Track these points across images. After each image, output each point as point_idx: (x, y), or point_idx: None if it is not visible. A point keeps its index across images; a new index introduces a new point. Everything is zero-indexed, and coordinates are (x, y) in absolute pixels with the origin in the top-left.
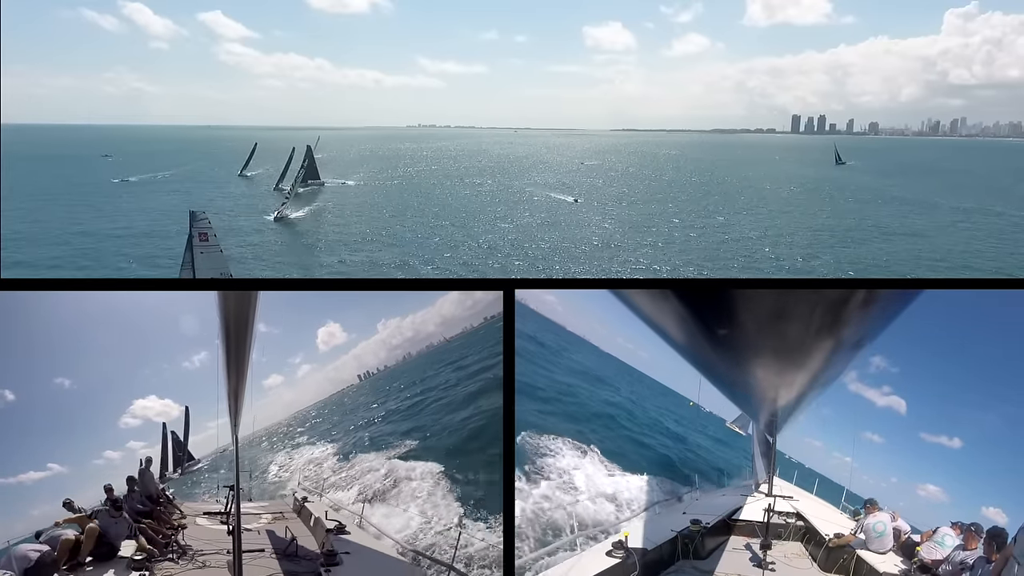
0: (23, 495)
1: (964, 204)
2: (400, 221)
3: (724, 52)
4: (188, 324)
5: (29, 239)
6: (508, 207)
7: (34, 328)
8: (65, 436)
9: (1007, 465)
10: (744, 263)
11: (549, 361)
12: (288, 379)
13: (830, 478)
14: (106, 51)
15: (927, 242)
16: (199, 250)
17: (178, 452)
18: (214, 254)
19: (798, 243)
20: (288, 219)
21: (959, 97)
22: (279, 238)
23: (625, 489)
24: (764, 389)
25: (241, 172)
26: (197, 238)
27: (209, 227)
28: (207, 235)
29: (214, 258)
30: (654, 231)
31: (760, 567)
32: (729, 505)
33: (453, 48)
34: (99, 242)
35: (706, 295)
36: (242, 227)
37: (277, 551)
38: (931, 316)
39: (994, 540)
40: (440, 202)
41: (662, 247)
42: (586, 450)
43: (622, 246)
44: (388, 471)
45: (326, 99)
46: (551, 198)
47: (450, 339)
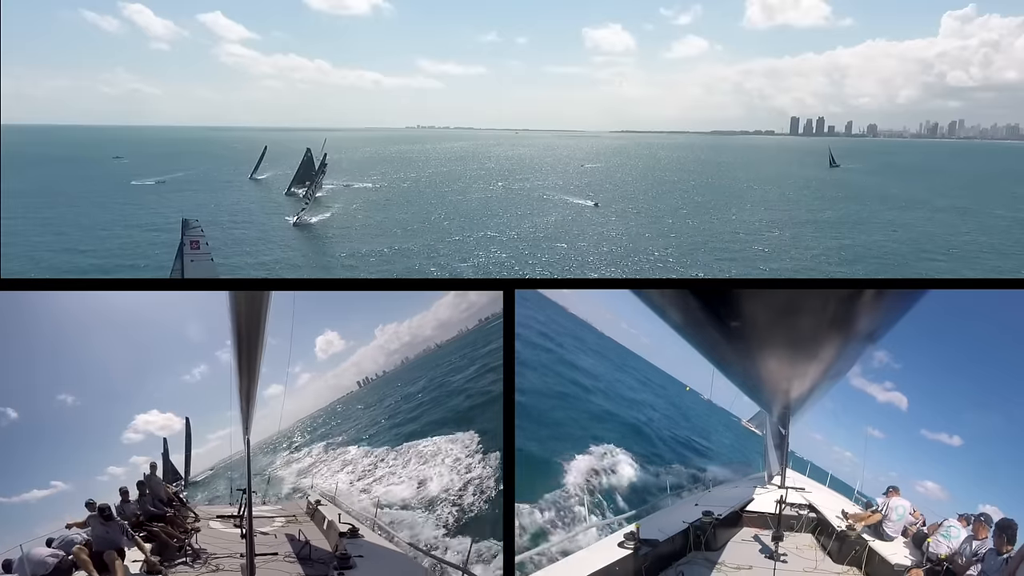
0: (28, 512)
1: (942, 202)
2: (426, 226)
3: (723, 54)
4: (191, 331)
5: (70, 248)
6: (528, 208)
7: (35, 330)
8: (69, 452)
9: (1007, 464)
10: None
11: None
12: (288, 387)
13: (830, 472)
14: (106, 52)
15: (902, 232)
16: (189, 258)
17: (174, 467)
18: (204, 262)
19: (801, 234)
20: (308, 224)
21: (957, 99)
22: (306, 246)
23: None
24: (777, 381)
25: (252, 175)
26: (188, 246)
27: (201, 235)
28: (198, 243)
29: (204, 266)
30: (675, 231)
31: (772, 559)
32: (741, 497)
33: (453, 49)
34: (155, 240)
35: (718, 292)
36: (270, 234)
37: (290, 554)
38: (936, 314)
39: (1004, 532)
40: (460, 204)
41: (685, 246)
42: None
43: (650, 246)
44: (401, 473)
45: (325, 100)
46: (568, 202)
47: (445, 343)
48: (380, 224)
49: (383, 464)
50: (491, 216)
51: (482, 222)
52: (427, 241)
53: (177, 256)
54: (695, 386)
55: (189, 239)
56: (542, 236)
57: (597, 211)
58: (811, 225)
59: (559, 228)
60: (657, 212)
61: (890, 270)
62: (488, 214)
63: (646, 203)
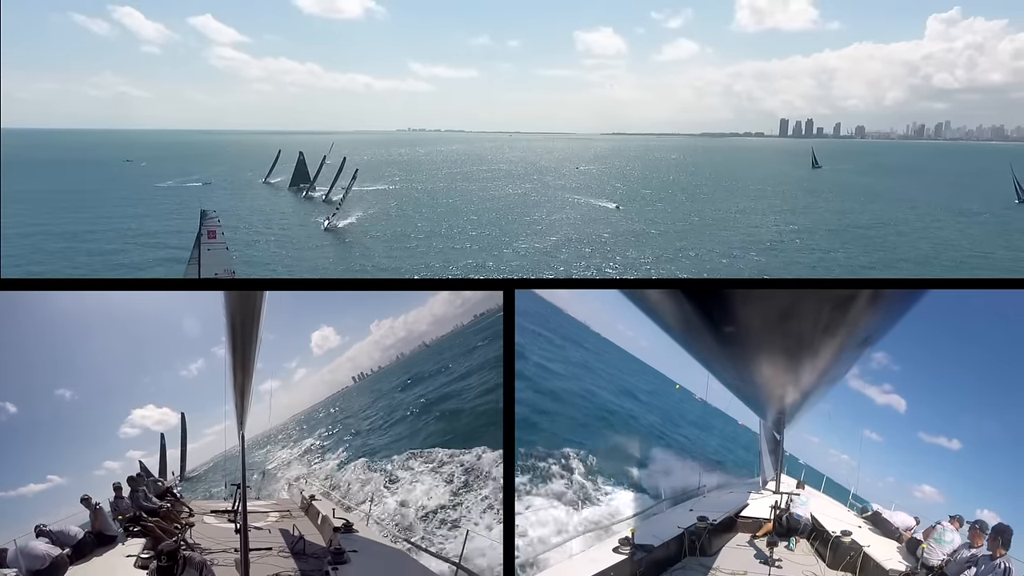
0: (24, 507)
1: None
2: (452, 226)
3: (712, 57)
4: (189, 327)
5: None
6: (548, 211)
7: (34, 330)
8: (65, 447)
9: (1005, 470)
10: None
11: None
12: (284, 383)
13: (826, 475)
14: (95, 55)
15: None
16: (206, 247)
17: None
18: (220, 251)
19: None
20: (338, 228)
21: (943, 101)
22: (340, 249)
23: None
24: (772, 386)
25: (266, 179)
26: (206, 235)
27: (218, 225)
28: (215, 233)
29: (220, 255)
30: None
31: (767, 564)
32: (736, 502)
33: (445, 52)
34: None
35: (712, 294)
36: (303, 239)
37: (284, 549)
38: (936, 315)
39: (999, 535)
40: (482, 206)
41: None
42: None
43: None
44: (395, 469)
45: (316, 103)
46: (591, 204)
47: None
48: (409, 224)
49: (378, 459)
50: (523, 213)
51: (517, 219)
52: (459, 242)
53: (195, 245)
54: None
55: (207, 229)
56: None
57: (620, 212)
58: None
59: (587, 225)
60: (678, 212)
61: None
62: (516, 213)
63: (661, 204)
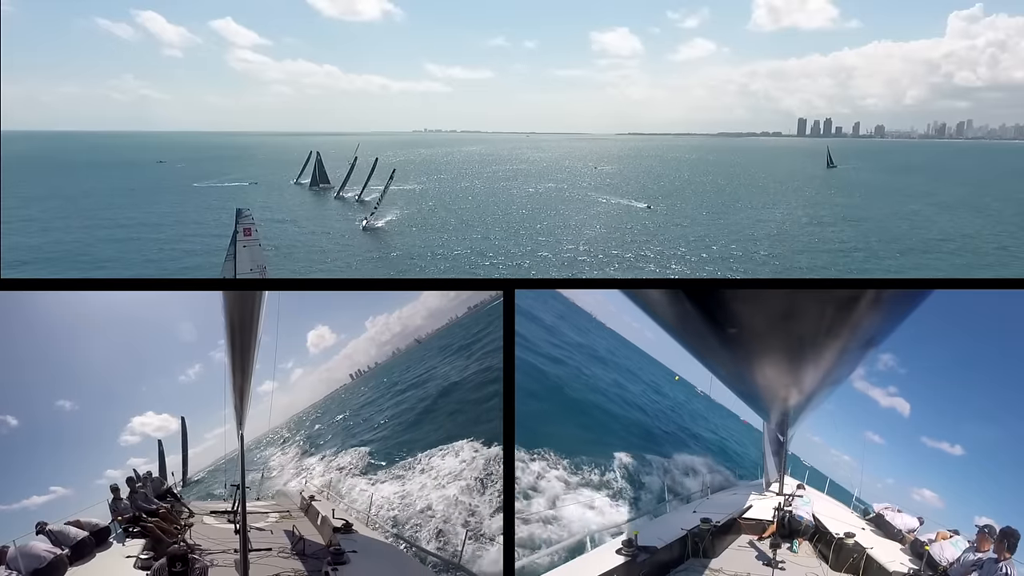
0: (27, 519)
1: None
2: (489, 229)
3: (729, 56)
4: (187, 329)
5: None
6: (576, 210)
7: (34, 330)
8: (66, 457)
9: (1007, 476)
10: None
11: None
12: (281, 383)
13: (827, 474)
14: (117, 59)
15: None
16: (242, 244)
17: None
18: (254, 248)
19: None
20: (376, 229)
21: (965, 99)
22: (379, 247)
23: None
24: (775, 388)
25: (296, 180)
26: (242, 233)
27: (252, 223)
28: (250, 230)
29: (254, 252)
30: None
31: (770, 566)
32: (739, 504)
33: (461, 54)
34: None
35: (714, 294)
36: (345, 239)
37: (284, 549)
38: (941, 316)
39: (1006, 538)
40: (517, 205)
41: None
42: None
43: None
44: (396, 468)
45: (334, 105)
46: (621, 204)
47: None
48: (447, 222)
49: (377, 459)
50: (552, 213)
51: (554, 220)
52: (500, 243)
53: (231, 242)
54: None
55: (242, 227)
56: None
57: (652, 211)
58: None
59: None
60: (711, 212)
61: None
62: (547, 212)
63: (690, 204)
